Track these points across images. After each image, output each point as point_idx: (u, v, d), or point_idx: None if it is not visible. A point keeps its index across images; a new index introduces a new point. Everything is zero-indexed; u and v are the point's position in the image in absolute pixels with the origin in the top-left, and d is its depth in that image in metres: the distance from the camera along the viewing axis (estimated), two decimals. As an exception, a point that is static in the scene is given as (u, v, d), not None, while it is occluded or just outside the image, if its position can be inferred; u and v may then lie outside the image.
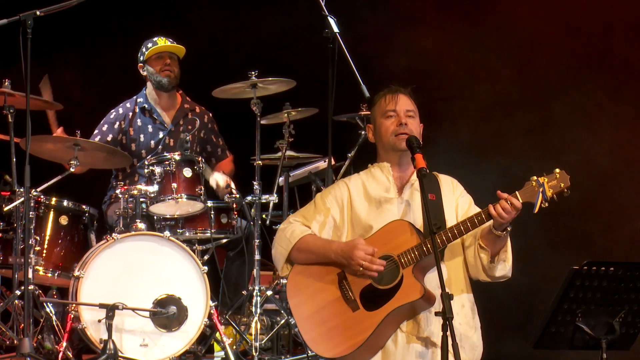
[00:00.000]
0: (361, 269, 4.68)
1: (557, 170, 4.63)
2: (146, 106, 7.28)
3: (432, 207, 4.75)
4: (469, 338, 4.80)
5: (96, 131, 7.26)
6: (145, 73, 7.27)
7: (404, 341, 4.72)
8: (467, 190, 4.98)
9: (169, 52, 7.22)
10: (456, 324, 4.58)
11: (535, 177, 4.62)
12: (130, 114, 7.29)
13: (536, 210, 4.60)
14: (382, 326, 4.67)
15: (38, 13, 5.80)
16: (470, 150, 7.22)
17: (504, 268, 4.77)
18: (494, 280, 4.82)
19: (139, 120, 7.28)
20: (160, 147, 7.23)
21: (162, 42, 7.22)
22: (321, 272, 4.82)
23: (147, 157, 7.09)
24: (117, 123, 7.26)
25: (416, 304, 4.67)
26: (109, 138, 7.19)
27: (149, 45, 7.23)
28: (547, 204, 4.59)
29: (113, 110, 7.33)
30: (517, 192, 4.62)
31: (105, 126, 7.27)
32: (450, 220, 4.82)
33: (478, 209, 4.88)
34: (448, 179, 4.99)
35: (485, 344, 4.89)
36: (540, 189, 4.58)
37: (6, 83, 6.33)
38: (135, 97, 7.35)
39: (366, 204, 4.86)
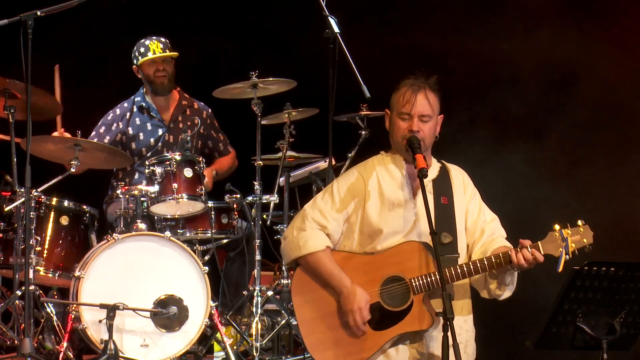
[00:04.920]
0: (349, 323, 4.68)
1: (581, 223, 4.59)
2: (144, 105, 7.29)
3: (444, 213, 4.74)
4: (472, 344, 4.82)
5: (93, 133, 7.26)
6: (140, 76, 7.29)
7: (406, 354, 4.71)
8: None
9: (163, 57, 7.22)
10: (463, 331, 4.68)
11: (558, 227, 4.57)
12: (128, 113, 7.30)
13: (560, 269, 4.56)
14: (385, 346, 4.67)
15: (39, 13, 5.79)
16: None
17: (509, 293, 4.78)
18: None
19: (137, 119, 7.29)
20: (160, 144, 7.24)
21: (153, 47, 7.20)
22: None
23: (148, 155, 7.11)
24: (115, 124, 7.27)
25: (421, 331, 4.68)
26: (106, 140, 7.19)
27: (142, 50, 7.22)
28: (569, 257, 4.56)
29: (110, 112, 7.34)
30: (539, 243, 4.59)
31: (103, 128, 7.27)
32: (461, 227, 4.80)
33: (488, 213, 4.86)
34: (459, 175, 4.92)
35: (486, 344, 4.90)
36: (564, 244, 4.54)
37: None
38: (132, 97, 7.36)
39: (379, 205, 4.79)
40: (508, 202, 6.13)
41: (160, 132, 7.27)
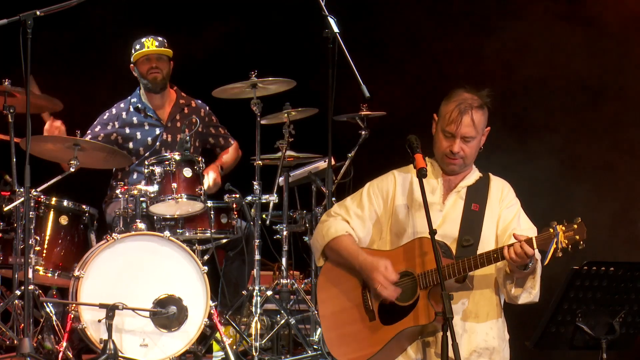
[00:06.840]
0: (377, 290, 4.68)
1: (578, 220, 4.53)
2: (140, 105, 7.29)
3: (472, 219, 4.74)
4: (500, 351, 4.80)
5: (88, 131, 7.26)
6: (135, 74, 7.28)
7: (421, 352, 4.71)
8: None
9: (157, 53, 7.21)
10: (489, 337, 4.69)
11: (555, 223, 4.53)
12: (125, 113, 7.29)
13: (546, 262, 4.52)
14: (393, 342, 4.67)
15: (38, 13, 5.79)
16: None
17: (528, 297, 4.71)
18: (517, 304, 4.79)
19: (134, 119, 7.28)
20: (157, 143, 7.23)
21: (148, 44, 7.20)
22: (349, 273, 4.81)
23: (146, 155, 7.11)
24: (111, 124, 7.26)
25: (428, 327, 4.66)
26: (100, 138, 7.18)
27: (137, 46, 7.22)
28: (561, 254, 4.50)
29: (107, 111, 7.34)
30: (533, 238, 4.55)
31: (98, 127, 7.27)
32: (489, 234, 4.78)
33: (525, 223, 4.82)
34: (499, 186, 4.89)
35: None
36: (554, 239, 4.50)
37: (6, 83, 6.33)
38: (129, 97, 7.36)
39: (407, 205, 4.82)
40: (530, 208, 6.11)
41: (157, 131, 7.27)
